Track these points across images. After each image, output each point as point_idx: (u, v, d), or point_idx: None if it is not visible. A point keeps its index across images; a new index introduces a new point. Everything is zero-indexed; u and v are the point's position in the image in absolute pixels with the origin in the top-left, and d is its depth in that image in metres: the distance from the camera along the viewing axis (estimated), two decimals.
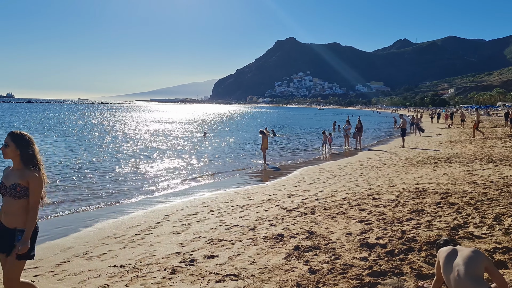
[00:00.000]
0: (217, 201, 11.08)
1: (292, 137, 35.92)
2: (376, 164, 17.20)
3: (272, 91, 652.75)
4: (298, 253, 6.13)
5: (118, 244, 7.50)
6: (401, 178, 12.81)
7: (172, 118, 76.91)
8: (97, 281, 5.60)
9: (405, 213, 8.06)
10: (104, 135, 35.09)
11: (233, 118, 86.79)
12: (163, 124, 55.20)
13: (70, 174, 15.65)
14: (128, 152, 23.18)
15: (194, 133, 39.26)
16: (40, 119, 59.74)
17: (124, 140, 31.26)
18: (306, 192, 11.45)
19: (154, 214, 9.90)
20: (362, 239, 6.52)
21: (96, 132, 38.89)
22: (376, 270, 5.22)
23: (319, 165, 18.53)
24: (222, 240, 7.19)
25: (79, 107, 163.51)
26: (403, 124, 25.75)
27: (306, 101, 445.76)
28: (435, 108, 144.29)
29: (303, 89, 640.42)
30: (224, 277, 5.39)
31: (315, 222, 7.95)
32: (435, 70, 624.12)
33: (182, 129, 46.77)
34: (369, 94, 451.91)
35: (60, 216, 10.00)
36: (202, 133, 37.31)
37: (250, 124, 58.84)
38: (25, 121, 53.82)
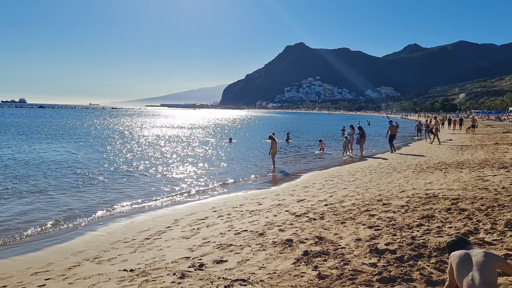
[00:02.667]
0: (226, 206, 11.10)
1: (303, 142, 35.86)
2: (386, 169, 17.12)
3: (282, 96, 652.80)
4: (307, 258, 6.12)
5: (128, 248, 7.56)
6: (411, 184, 12.73)
7: (188, 123, 76.82)
8: (107, 285, 5.64)
9: (415, 219, 8.01)
10: (122, 140, 35.31)
11: (249, 123, 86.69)
12: (181, 130, 55.18)
13: (82, 178, 15.77)
14: (143, 157, 23.29)
15: (219, 139, 39.17)
16: (57, 124, 60.30)
17: (141, 145, 31.40)
18: (315, 198, 11.43)
19: (163, 219, 9.95)
20: (372, 245, 6.48)
21: (114, 137, 39.15)
22: (386, 276, 5.19)
23: (328, 170, 18.48)
24: (231, 245, 7.20)
25: (91, 112, 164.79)
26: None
27: (315, 106, 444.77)
28: (446, 114, 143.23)
29: (313, 94, 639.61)
30: (233, 282, 5.40)
31: (324, 227, 7.93)
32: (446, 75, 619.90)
33: (204, 134, 46.52)
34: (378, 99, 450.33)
35: (70, 220, 10.06)
36: (227, 138, 37.43)
37: (267, 129, 58.66)
38: (45, 126, 54.35)
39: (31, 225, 9.52)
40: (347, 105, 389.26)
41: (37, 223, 9.74)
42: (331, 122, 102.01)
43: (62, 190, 13.70)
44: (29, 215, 10.40)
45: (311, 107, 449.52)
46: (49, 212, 10.81)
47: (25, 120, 71.19)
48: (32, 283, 5.96)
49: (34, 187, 14.01)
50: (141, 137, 40.39)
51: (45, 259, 7.18)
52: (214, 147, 30.14)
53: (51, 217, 10.30)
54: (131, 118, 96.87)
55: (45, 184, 14.60)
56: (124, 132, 46.14)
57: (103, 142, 33.16)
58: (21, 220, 9.94)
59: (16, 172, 16.93)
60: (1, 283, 6.08)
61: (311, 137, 41.92)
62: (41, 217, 10.29)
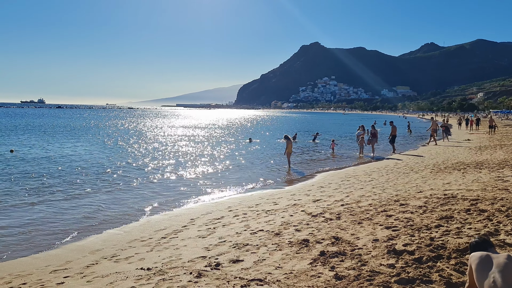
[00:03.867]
0: (242, 205, 11.10)
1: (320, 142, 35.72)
2: (403, 169, 16.93)
3: (297, 96, 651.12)
4: (324, 258, 6.08)
5: (145, 247, 7.61)
6: (429, 184, 12.57)
7: (206, 123, 76.89)
8: (124, 283, 5.69)
9: (433, 219, 7.90)
10: (142, 141, 35.62)
11: (266, 123, 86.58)
12: (200, 130, 55.26)
13: (100, 178, 15.96)
14: (161, 157, 23.46)
15: (238, 138, 39.14)
16: (80, 125, 61.11)
17: (160, 144, 31.61)
18: (331, 198, 11.36)
19: (180, 218, 9.99)
20: (389, 246, 6.41)
21: (135, 137, 39.52)
22: (404, 277, 5.13)
23: (344, 170, 18.36)
24: (247, 244, 7.19)
25: (108, 112, 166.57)
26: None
27: (330, 106, 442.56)
28: (464, 113, 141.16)
29: (328, 94, 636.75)
30: (250, 281, 5.39)
31: (340, 227, 7.88)
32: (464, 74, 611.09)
33: (223, 134, 46.41)
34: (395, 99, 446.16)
35: (89, 218, 10.18)
36: (247, 138, 37.45)
37: (285, 129, 58.47)
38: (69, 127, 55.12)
39: (49, 224, 9.67)
40: (363, 105, 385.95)
41: (55, 221, 9.89)
42: (347, 122, 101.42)
43: (80, 189, 13.87)
44: (47, 213, 10.57)
45: (326, 107, 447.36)
46: (67, 210, 10.96)
47: (48, 121, 72.23)
48: (51, 281, 6.03)
49: (52, 186, 14.23)
50: (161, 137, 40.65)
51: (64, 257, 7.27)
52: (234, 147, 30.16)
53: (69, 215, 10.45)
54: (150, 119, 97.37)
55: (65, 183, 14.81)
56: (145, 133, 46.44)
57: (123, 142, 33.47)
58: (38, 217, 10.11)
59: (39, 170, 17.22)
60: (21, 280, 6.18)
61: (328, 137, 41.72)
62: (60, 215, 10.45)
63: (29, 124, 57.28)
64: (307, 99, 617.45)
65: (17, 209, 11.00)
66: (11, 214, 10.49)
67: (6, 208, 11.07)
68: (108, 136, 38.96)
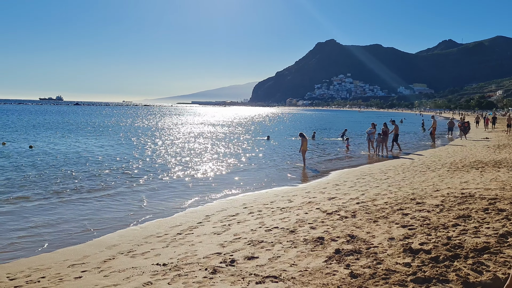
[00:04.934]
0: (257, 202, 11.12)
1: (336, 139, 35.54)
2: (420, 168, 16.76)
3: (312, 94, 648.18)
4: (339, 256, 6.07)
5: (160, 243, 7.68)
6: (446, 183, 12.43)
7: (223, 121, 76.90)
8: (140, 278, 5.75)
9: (450, 218, 7.81)
10: (161, 138, 35.92)
11: (283, 120, 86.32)
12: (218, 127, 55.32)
13: (116, 174, 16.15)
14: (179, 154, 23.62)
15: (256, 136, 39.10)
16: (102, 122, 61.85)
17: (177, 142, 31.81)
18: (346, 196, 11.31)
19: (195, 215, 10.06)
20: (405, 244, 6.36)
21: (154, 134, 39.87)
22: (420, 276, 5.08)
23: (359, 168, 18.23)
24: (262, 241, 7.21)
25: (125, 109, 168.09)
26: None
27: (346, 104, 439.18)
28: (482, 112, 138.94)
29: (344, 92, 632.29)
30: (264, 278, 5.41)
31: (356, 226, 7.84)
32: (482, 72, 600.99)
33: (241, 131, 46.20)
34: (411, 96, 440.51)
35: (105, 214, 10.32)
36: (265, 136, 37.41)
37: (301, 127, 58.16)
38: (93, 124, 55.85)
39: (67, 219, 9.83)
40: (379, 103, 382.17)
41: (73, 217, 10.05)
42: (364, 119, 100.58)
43: (98, 185, 14.06)
44: (65, 209, 10.74)
45: (342, 104, 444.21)
46: (84, 206, 11.13)
47: (70, 118, 73.20)
48: (69, 275, 6.13)
49: (72, 183, 14.45)
50: (179, 134, 40.88)
51: (81, 252, 7.38)
52: (251, 145, 30.17)
53: (87, 211, 10.61)
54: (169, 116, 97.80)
55: (84, 180, 15.02)
56: (165, 130, 46.71)
57: (143, 139, 33.76)
58: (57, 213, 10.28)
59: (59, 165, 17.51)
60: (40, 274, 6.30)
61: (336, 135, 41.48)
62: (77, 211, 10.61)
63: (56, 122, 58.11)
64: (323, 97, 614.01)
65: (36, 206, 11.21)
66: (31, 211, 10.69)
67: (25, 205, 11.27)
68: (130, 134, 39.32)
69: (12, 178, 14.84)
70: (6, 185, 13.63)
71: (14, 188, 13.13)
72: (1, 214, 10.17)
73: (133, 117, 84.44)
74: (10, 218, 9.83)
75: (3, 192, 12.52)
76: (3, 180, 14.34)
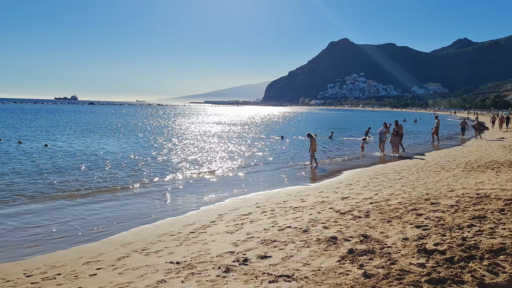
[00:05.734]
0: (270, 202, 11.12)
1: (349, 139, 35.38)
2: (434, 168, 16.61)
3: (325, 93, 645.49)
4: (352, 256, 6.04)
5: (174, 241, 7.73)
6: (461, 183, 12.30)
7: (237, 120, 76.82)
8: (154, 276, 5.80)
9: (465, 219, 7.73)
10: (177, 137, 36.14)
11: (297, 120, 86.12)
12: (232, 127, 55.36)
13: (131, 173, 16.29)
14: (195, 153, 23.73)
15: (270, 135, 38.98)
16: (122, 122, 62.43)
17: (191, 141, 31.95)
18: (360, 195, 11.26)
19: (208, 213, 10.10)
20: (419, 245, 6.31)
21: (170, 133, 40.13)
22: (435, 277, 5.04)
23: (372, 167, 18.12)
24: (275, 241, 7.21)
25: (140, 109, 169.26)
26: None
27: (359, 103, 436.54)
28: (498, 111, 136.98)
29: (357, 91, 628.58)
30: (277, 277, 5.41)
31: (369, 226, 7.80)
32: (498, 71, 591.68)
33: (255, 131, 46.04)
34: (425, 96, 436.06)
35: (119, 213, 10.42)
36: (279, 136, 37.37)
37: (315, 126, 57.98)
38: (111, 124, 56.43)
39: (82, 217, 9.95)
40: (392, 102, 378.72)
41: (88, 215, 10.17)
42: (377, 118, 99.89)
43: (112, 185, 14.20)
44: (80, 207, 10.88)
45: (355, 104, 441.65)
46: (99, 205, 11.26)
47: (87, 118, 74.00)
48: (84, 272, 6.21)
49: (85, 182, 14.62)
50: (194, 134, 41.07)
51: (96, 250, 7.46)
52: (265, 144, 30.15)
53: (101, 209, 10.73)
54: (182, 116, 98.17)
55: (98, 179, 15.19)
56: (180, 130, 46.92)
57: (157, 138, 33.99)
58: (72, 212, 10.42)
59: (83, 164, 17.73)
60: (56, 271, 6.38)
61: (356, 135, 41.29)
62: (91, 209, 10.74)
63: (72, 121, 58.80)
64: (335, 96, 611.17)
65: (52, 204, 11.37)
66: (46, 209, 10.84)
67: (42, 203, 11.44)
68: (146, 133, 39.61)
69: (27, 176, 15.06)
70: (23, 183, 13.84)
71: (28, 186, 13.33)
72: (18, 212, 10.34)
73: (148, 117, 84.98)
74: (26, 216, 9.98)
75: (19, 190, 12.72)
76: (19, 178, 14.56)
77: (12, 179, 14.47)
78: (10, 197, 11.88)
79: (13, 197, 11.83)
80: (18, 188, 13.10)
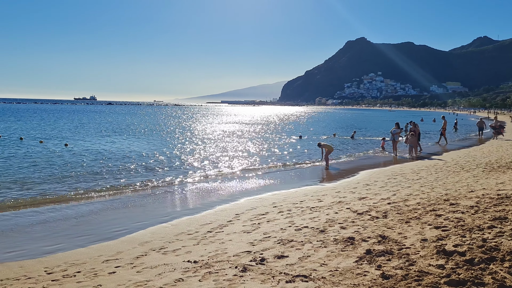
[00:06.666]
0: (286, 202, 11.11)
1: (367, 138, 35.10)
2: (453, 168, 16.37)
3: (342, 93, 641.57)
4: (370, 257, 6.00)
5: (191, 240, 7.78)
6: (481, 184, 12.10)
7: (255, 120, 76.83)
8: (172, 275, 5.84)
9: (486, 220, 7.60)
10: (197, 137, 36.39)
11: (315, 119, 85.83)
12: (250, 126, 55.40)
13: (150, 172, 16.46)
14: (213, 153, 23.86)
15: (288, 135, 38.91)
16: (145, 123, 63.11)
17: (210, 141, 32.12)
18: (377, 196, 11.17)
19: (225, 213, 10.14)
20: (439, 246, 6.23)
21: (190, 133, 40.42)
22: (454, 279, 4.97)
23: (390, 167, 17.95)
24: (292, 240, 7.20)
25: (157, 108, 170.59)
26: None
27: (377, 103, 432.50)
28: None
29: (374, 90, 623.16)
30: (295, 277, 5.40)
31: (387, 226, 7.73)
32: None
33: (272, 130, 46.12)
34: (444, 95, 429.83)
35: (138, 211, 10.53)
36: (297, 135, 37.31)
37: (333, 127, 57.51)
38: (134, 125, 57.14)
39: (101, 216, 10.10)
40: (410, 102, 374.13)
41: (106, 214, 10.31)
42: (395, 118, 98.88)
43: (130, 183, 14.36)
44: (99, 205, 11.04)
45: (372, 103, 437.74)
46: (115, 203, 11.40)
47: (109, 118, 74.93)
48: (104, 270, 6.29)
49: (102, 181, 14.82)
50: (213, 134, 41.27)
51: (115, 248, 7.56)
52: (283, 144, 30.12)
53: (119, 208, 10.87)
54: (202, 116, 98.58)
55: (118, 178, 15.38)
56: (200, 130, 47.21)
57: (176, 138, 34.26)
58: (91, 210, 10.58)
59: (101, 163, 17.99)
60: (76, 268, 6.49)
61: (374, 134, 40.98)
62: (109, 209, 10.88)
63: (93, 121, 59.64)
64: (352, 96, 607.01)
65: (71, 202, 11.57)
66: (66, 207, 11.03)
67: (62, 202, 11.64)
68: (165, 132, 39.95)
69: (48, 175, 15.33)
70: (44, 182, 14.10)
71: (48, 185, 13.58)
72: (39, 211, 10.54)
73: (168, 117, 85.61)
74: (46, 213, 10.17)
75: (40, 189, 12.97)
76: (41, 177, 14.83)
77: (33, 177, 14.76)
78: (31, 195, 12.12)
79: (34, 195, 12.07)
80: (40, 186, 13.35)
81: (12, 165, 17.52)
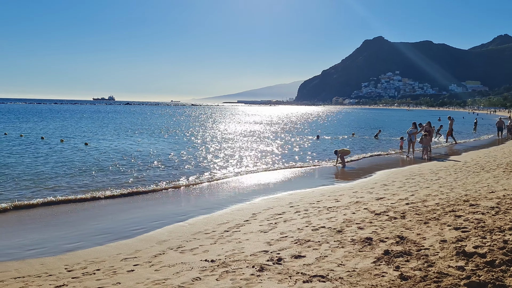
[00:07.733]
0: (303, 201, 11.08)
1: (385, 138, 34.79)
2: (473, 168, 16.12)
3: (359, 92, 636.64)
4: (388, 258, 5.95)
5: (208, 239, 7.82)
6: (502, 184, 11.89)
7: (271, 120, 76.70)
8: (189, 273, 5.88)
9: (507, 221, 7.47)
10: (216, 137, 36.60)
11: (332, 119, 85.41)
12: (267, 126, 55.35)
13: (163, 172, 16.60)
14: (229, 152, 23.96)
15: (305, 135, 38.74)
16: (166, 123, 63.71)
17: (225, 141, 32.26)
18: (395, 196, 11.06)
19: (241, 212, 10.16)
20: (458, 247, 6.15)
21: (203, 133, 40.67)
22: (475, 280, 4.90)
23: (408, 167, 17.76)
24: (309, 240, 7.18)
25: (175, 109, 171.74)
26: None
27: (394, 102, 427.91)
28: None
29: (392, 90, 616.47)
30: (312, 277, 5.39)
31: (405, 227, 7.66)
32: None
33: (289, 130, 45.78)
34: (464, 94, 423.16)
35: (154, 210, 10.64)
36: (315, 136, 37.17)
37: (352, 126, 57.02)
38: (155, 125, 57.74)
39: (119, 214, 10.22)
40: (429, 101, 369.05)
41: (125, 212, 10.44)
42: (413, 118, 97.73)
43: (149, 183, 14.50)
44: (117, 204, 11.18)
45: (390, 103, 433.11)
46: (132, 203, 11.53)
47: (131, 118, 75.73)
48: (122, 268, 6.37)
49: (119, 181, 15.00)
50: (229, 133, 41.41)
51: (133, 246, 7.65)
52: (300, 144, 30.03)
53: (137, 207, 10.99)
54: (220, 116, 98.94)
55: (137, 177, 15.55)
56: (219, 130, 47.44)
57: (195, 139, 34.47)
58: (110, 209, 10.72)
59: None
60: (95, 266, 6.58)
61: (391, 134, 40.58)
62: (127, 208, 11.01)
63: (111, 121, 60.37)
64: (370, 95, 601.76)
65: (90, 201, 11.74)
66: (85, 206, 11.20)
67: (81, 201, 11.82)
68: (184, 132, 40.23)
69: (68, 174, 15.57)
70: (64, 180, 14.34)
71: (68, 184, 13.80)
72: (59, 210, 10.72)
73: (186, 117, 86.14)
74: (66, 212, 10.34)
75: (59, 187, 13.19)
76: (61, 176, 15.08)
77: (53, 176, 15.01)
78: (52, 194, 12.32)
79: (54, 194, 12.27)
80: (59, 184, 13.57)
81: (31, 163, 17.83)
